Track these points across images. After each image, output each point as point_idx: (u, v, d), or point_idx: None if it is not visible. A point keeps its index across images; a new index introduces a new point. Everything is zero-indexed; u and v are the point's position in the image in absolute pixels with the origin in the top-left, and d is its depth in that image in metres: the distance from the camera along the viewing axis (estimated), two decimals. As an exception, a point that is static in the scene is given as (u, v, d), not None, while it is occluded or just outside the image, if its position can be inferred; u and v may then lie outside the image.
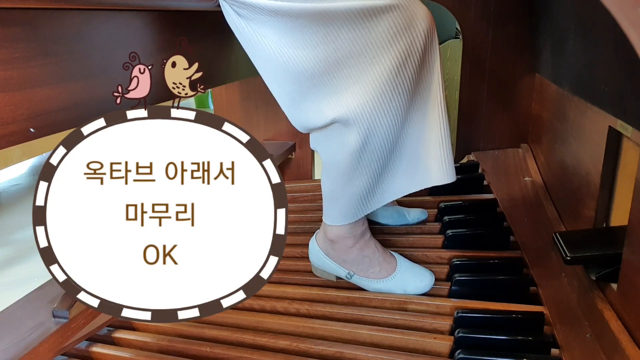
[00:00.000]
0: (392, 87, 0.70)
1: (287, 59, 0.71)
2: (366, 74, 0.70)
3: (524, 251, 0.92)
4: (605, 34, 0.74)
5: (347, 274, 0.90)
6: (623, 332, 0.61)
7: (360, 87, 0.71)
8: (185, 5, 0.78)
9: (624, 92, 0.69)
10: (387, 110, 0.72)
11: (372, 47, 0.69)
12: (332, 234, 0.88)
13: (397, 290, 0.88)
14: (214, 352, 0.79)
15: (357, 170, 0.78)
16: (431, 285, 0.87)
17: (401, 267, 0.89)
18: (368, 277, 0.89)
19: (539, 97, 1.26)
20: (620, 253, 0.64)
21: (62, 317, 0.65)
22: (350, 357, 0.76)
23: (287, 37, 0.70)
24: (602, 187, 0.80)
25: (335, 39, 0.69)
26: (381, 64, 0.70)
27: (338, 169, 0.79)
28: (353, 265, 0.89)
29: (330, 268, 0.91)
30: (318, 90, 0.73)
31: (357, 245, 0.88)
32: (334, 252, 0.90)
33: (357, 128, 0.73)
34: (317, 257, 0.93)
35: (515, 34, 1.28)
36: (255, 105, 1.51)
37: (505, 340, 0.72)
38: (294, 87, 0.74)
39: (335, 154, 0.78)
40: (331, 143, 0.77)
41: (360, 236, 0.88)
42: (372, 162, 0.77)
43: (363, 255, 0.88)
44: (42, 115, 0.56)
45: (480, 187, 1.23)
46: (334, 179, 0.81)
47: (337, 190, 0.82)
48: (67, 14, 0.58)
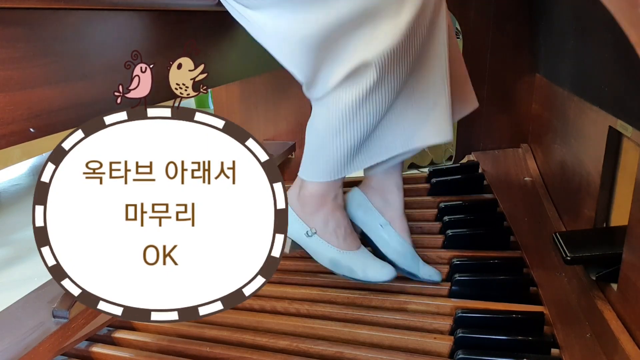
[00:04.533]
0: (407, 38, 0.70)
1: (297, 34, 0.70)
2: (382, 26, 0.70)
3: (524, 251, 0.92)
4: (605, 34, 0.74)
5: (308, 231, 0.85)
6: (623, 332, 0.61)
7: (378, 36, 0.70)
8: (185, 4, 0.78)
9: (624, 92, 0.69)
10: (402, 58, 0.71)
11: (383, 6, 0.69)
12: (306, 189, 0.84)
13: (356, 269, 0.85)
14: (214, 352, 0.79)
15: (351, 123, 0.74)
16: (393, 275, 0.85)
17: (364, 251, 0.87)
18: (329, 243, 0.85)
19: (539, 97, 1.26)
20: (620, 253, 0.64)
21: (62, 317, 0.65)
22: (350, 357, 0.76)
23: (292, 12, 0.69)
24: (602, 187, 0.80)
25: (341, 3, 0.68)
26: (397, 16, 0.69)
27: (332, 119, 0.75)
28: (318, 224, 0.85)
29: (292, 225, 0.86)
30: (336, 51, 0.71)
31: (328, 207, 0.85)
32: (301, 208, 0.86)
33: (374, 69, 0.70)
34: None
35: (515, 34, 1.28)
36: (255, 105, 1.51)
37: (505, 340, 0.72)
38: (310, 58, 0.72)
39: (336, 102, 0.74)
40: (337, 90, 0.73)
41: (333, 198, 0.85)
42: (370, 113, 0.74)
43: (332, 217, 0.85)
44: (42, 115, 0.56)
45: (480, 187, 1.23)
46: (324, 128, 0.76)
47: (325, 142, 0.77)
48: (67, 14, 0.58)
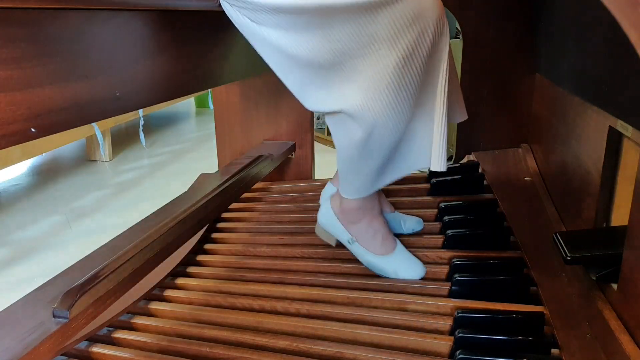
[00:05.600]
0: (398, 80, 0.70)
1: (293, 54, 0.71)
2: (372, 68, 0.70)
3: (524, 251, 0.92)
4: (606, 34, 0.74)
5: (349, 239, 0.95)
6: (623, 332, 0.61)
7: (365, 81, 0.70)
8: (185, 5, 0.78)
9: (624, 92, 0.69)
10: (393, 105, 0.72)
11: (377, 41, 0.68)
12: (345, 204, 0.94)
13: (389, 270, 0.92)
14: (214, 352, 0.79)
15: (363, 158, 0.80)
16: (422, 274, 0.92)
17: (399, 251, 0.94)
18: (368, 249, 0.94)
19: (539, 97, 1.26)
20: (621, 253, 0.64)
21: (62, 317, 0.65)
22: (350, 357, 0.76)
23: (290, 35, 0.70)
24: (602, 187, 0.80)
25: (338, 34, 0.69)
26: (387, 58, 0.69)
27: (347, 153, 0.82)
28: (358, 233, 0.94)
29: (336, 229, 0.97)
30: (324, 83, 0.74)
31: (367, 218, 0.94)
32: (344, 217, 0.95)
33: (361, 123, 0.74)
34: (327, 217, 0.98)
35: (515, 34, 1.28)
36: (255, 105, 1.51)
37: (505, 341, 0.72)
38: (301, 77, 0.75)
39: (343, 140, 0.80)
40: (339, 130, 0.80)
41: (370, 209, 0.94)
42: (377, 152, 0.79)
43: (370, 226, 0.94)
44: (43, 115, 0.56)
45: (480, 187, 1.23)
46: (344, 161, 0.84)
47: (349, 172, 0.86)
48: (67, 14, 0.58)
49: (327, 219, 0.98)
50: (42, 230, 1.71)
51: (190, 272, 1.06)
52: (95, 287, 0.70)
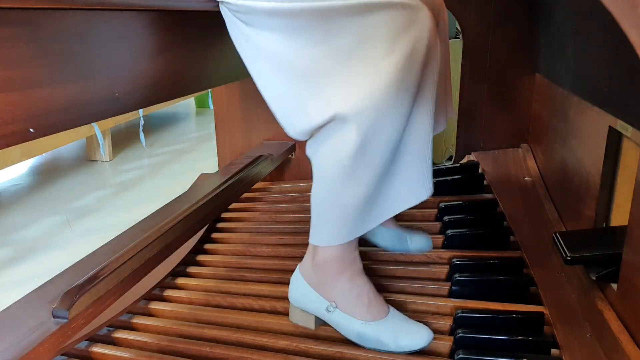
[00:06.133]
0: (395, 85, 0.67)
1: (287, 60, 0.71)
2: (368, 71, 0.69)
3: (524, 251, 0.92)
4: (605, 34, 0.74)
5: (328, 307, 0.77)
6: (623, 332, 0.62)
7: (361, 84, 0.69)
8: (185, 5, 0.78)
9: (624, 92, 0.69)
10: (390, 109, 0.67)
11: (373, 45, 0.68)
12: (319, 257, 0.77)
13: (386, 339, 0.74)
14: (214, 352, 0.79)
15: (353, 175, 0.69)
16: (430, 341, 0.74)
17: (394, 315, 0.77)
18: (353, 316, 0.76)
19: (539, 97, 1.26)
20: (620, 253, 0.64)
21: (62, 317, 0.65)
22: (350, 357, 0.76)
23: (286, 38, 0.70)
24: (602, 187, 0.80)
25: (335, 37, 0.68)
26: (384, 61, 0.68)
27: (332, 172, 0.70)
28: (338, 296, 0.77)
29: (310, 299, 0.79)
30: (319, 89, 0.71)
31: (347, 273, 0.77)
32: (318, 279, 0.78)
33: (356, 125, 0.67)
34: (298, 287, 0.81)
35: (515, 34, 1.28)
36: (255, 105, 1.51)
37: (505, 341, 0.72)
38: (293, 88, 0.72)
39: (331, 155, 0.70)
40: (327, 142, 0.70)
41: (351, 262, 0.77)
42: (370, 166, 0.69)
43: (352, 285, 0.77)
44: (42, 115, 0.56)
45: (480, 187, 1.23)
46: (327, 184, 0.71)
47: (330, 200, 0.72)
48: (67, 14, 0.58)
49: (297, 289, 0.81)
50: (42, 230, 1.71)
51: (190, 272, 1.06)
52: (95, 287, 0.70)
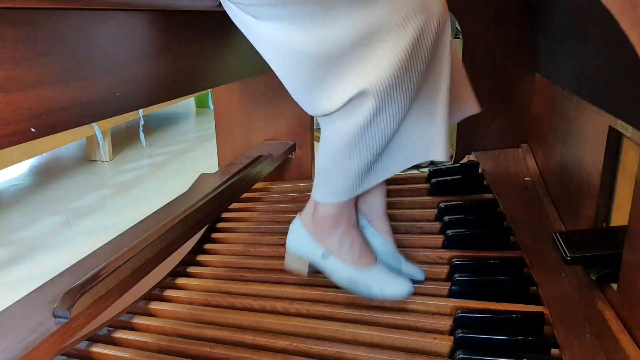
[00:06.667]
0: (405, 65, 0.70)
1: (302, 48, 0.71)
2: (383, 50, 0.70)
3: (524, 251, 0.92)
4: (605, 34, 0.74)
5: (324, 252, 0.85)
6: (623, 332, 0.62)
7: (378, 62, 0.70)
8: (185, 5, 0.78)
9: (624, 92, 0.69)
10: (403, 84, 0.71)
11: (386, 26, 0.69)
12: (320, 211, 0.84)
13: (373, 284, 0.83)
14: (214, 352, 0.79)
15: (361, 144, 0.74)
16: (411, 291, 0.83)
17: (380, 266, 0.86)
18: (345, 262, 0.84)
19: (539, 97, 1.26)
20: (620, 253, 0.64)
21: (62, 317, 0.65)
22: (350, 357, 0.76)
23: (298, 26, 0.70)
24: (602, 187, 0.80)
25: (344, 22, 0.69)
26: (398, 41, 0.69)
27: (340, 143, 0.75)
28: (333, 244, 0.85)
29: (308, 246, 0.86)
30: (337, 72, 0.72)
31: (343, 226, 0.84)
32: (316, 230, 0.85)
33: (373, 98, 0.70)
34: (297, 235, 0.88)
35: (515, 34, 1.28)
36: (255, 105, 1.51)
37: (506, 341, 0.72)
38: (312, 74, 0.73)
39: (341, 128, 0.74)
40: (343, 113, 0.74)
41: (347, 217, 0.85)
42: (376, 136, 0.74)
43: (347, 235, 0.84)
44: (42, 115, 0.56)
45: (480, 187, 1.23)
46: (334, 152, 0.77)
47: (335, 164, 0.77)
48: (67, 14, 0.58)
49: (296, 237, 0.88)
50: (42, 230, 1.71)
51: (190, 272, 1.06)
52: (95, 287, 0.70)
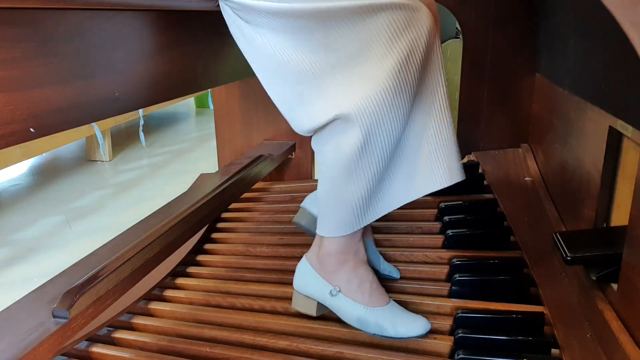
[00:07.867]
0: (395, 84, 0.69)
1: (289, 60, 0.71)
2: (369, 71, 0.70)
3: (524, 251, 0.92)
4: (605, 34, 0.74)
5: (332, 290, 0.80)
6: (623, 332, 0.61)
7: (363, 84, 0.70)
8: (185, 5, 0.78)
9: (624, 92, 0.69)
10: (391, 108, 0.70)
11: (374, 45, 0.69)
12: (325, 248, 0.81)
13: (386, 324, 0.78)
14: (214, 352, 0.79)
15: (357, 172, 0.73)
16: (427, 329, 0.77)
17: (393, 304, 0.81)
18: (355, 300, 0.79)
19: (539, 97, 1.26)
20: (621, 253, 0.64)
21: (62, 317, 0.65)
22: (350, 357, 0.76)
23: (288, 38, 0.70)
24: (602, 187, 0.80)
25: (336, 38, 0.69)
26: (384, 61, 0.69)
27: (337, 169, 0.74)
28: (341, 282, 0.80)
29: (315, 284, 0.82)
30: (320, 90, 0.72)
31: (350, 263, 0.81)
32: (322, 267, 0.82)
33: (360, 124, 0.69)
34: (304, 274, 0.84)
35: (515, 34, 1.28)
36: (255, 105, 1.51)
37: (506, 341, 0.72)
38: (295, 88, 0.73)
39: (335, 153, 0.73)
40: (331, 140, 0.73)
41: (355, 253, 0.81)
42: (372, 162, 0.73)
43: (355, 274, 0.81)
44: (42, 115, 0.56)
45: (480, 187, 1.23)
46: (331, 180, 0.75)
47: (334, 195, 0.76)
48: (67, 14, 0.58)
49: (303, 275, 0.84)
50: (42, 230, 1.71)
51: (190, 272, 1.06)
52: (95, 287, 0.70)
